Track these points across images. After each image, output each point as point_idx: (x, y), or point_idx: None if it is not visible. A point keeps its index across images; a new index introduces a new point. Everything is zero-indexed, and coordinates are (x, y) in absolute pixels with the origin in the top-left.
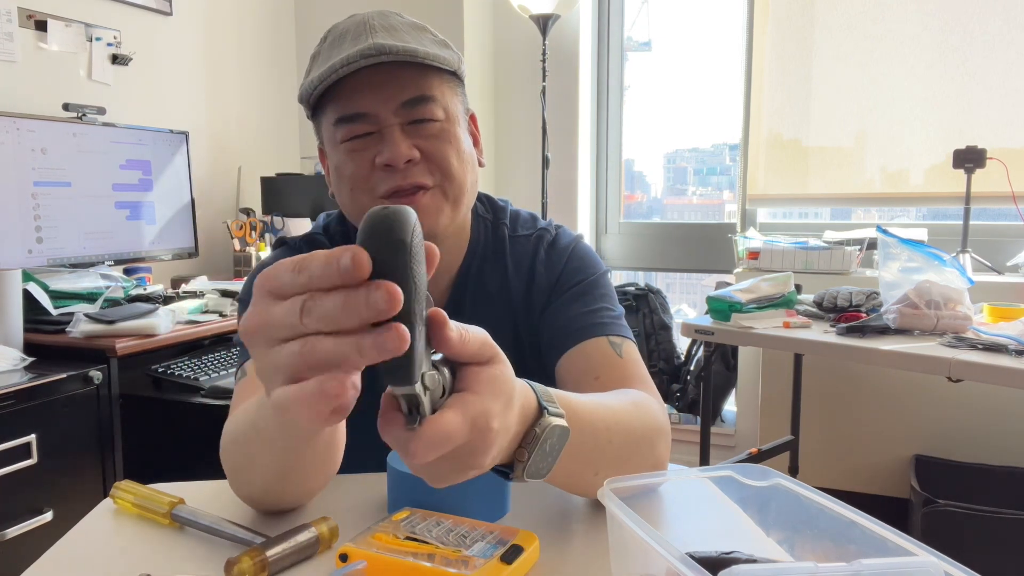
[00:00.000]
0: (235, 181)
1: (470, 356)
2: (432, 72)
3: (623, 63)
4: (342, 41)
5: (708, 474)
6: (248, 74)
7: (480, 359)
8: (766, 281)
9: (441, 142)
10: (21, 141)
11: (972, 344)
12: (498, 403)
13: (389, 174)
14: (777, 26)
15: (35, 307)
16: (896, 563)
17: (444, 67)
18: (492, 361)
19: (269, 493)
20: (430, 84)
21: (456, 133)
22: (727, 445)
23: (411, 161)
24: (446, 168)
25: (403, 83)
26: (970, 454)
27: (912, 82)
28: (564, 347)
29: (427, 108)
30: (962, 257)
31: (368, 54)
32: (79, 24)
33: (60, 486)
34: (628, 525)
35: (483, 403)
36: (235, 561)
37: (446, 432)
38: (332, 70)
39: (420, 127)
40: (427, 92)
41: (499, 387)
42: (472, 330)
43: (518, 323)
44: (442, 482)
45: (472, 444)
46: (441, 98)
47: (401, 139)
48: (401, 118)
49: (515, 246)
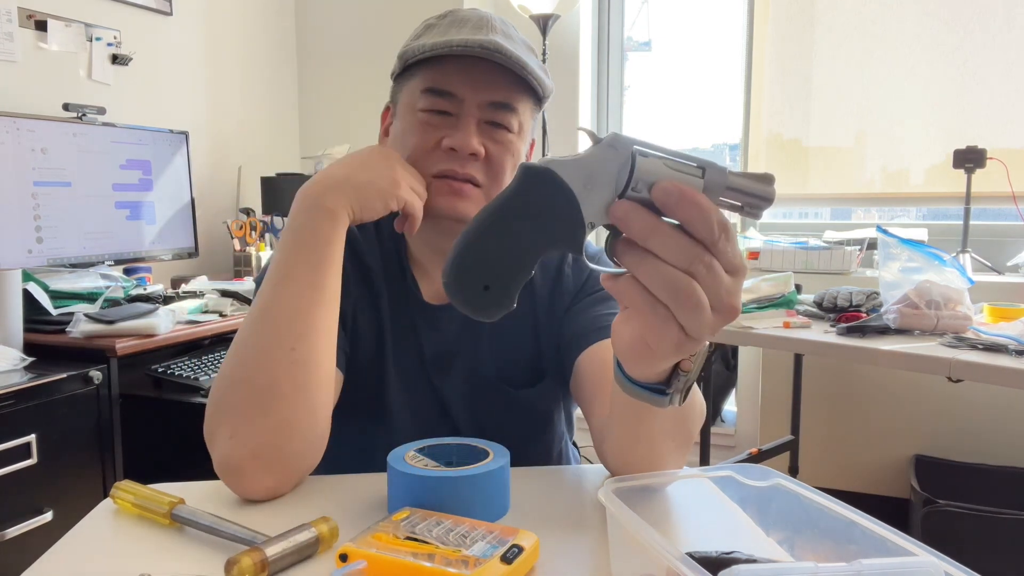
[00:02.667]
0: (235, 181)
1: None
2: (525, 89)
3: (623, 63)
4: (463, 25)
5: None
6: (248, 74)
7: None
8: (766, 281)
9: (505, 151)
10: (21, 141)
11: (972, 344)
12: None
13: (450, 157)
14: (777, 26)
15: (35, 307)
16: (896, 563)
17: (537, 90)
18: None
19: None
20: (519, 97)
21: (519, 149)
22: (727, 445)
23: (475, 155)
24: (500, 176)
25: (499, 85)
26: (970, 454)
27: (912, 82)
28: (586, 343)
29: (508, 116)
30: (962, 257)
31: (488, 47)
32: (79, 24)
33: (60, 486)
34: (628, 525)
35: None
36: (235, 561)
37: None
38: (449, 46)
39: (494, 131)
40: (514, 103)
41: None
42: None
43: (539, 320)
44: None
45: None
46: (522, 114)
47: (475, 132)
48: (482, 114)
49: None
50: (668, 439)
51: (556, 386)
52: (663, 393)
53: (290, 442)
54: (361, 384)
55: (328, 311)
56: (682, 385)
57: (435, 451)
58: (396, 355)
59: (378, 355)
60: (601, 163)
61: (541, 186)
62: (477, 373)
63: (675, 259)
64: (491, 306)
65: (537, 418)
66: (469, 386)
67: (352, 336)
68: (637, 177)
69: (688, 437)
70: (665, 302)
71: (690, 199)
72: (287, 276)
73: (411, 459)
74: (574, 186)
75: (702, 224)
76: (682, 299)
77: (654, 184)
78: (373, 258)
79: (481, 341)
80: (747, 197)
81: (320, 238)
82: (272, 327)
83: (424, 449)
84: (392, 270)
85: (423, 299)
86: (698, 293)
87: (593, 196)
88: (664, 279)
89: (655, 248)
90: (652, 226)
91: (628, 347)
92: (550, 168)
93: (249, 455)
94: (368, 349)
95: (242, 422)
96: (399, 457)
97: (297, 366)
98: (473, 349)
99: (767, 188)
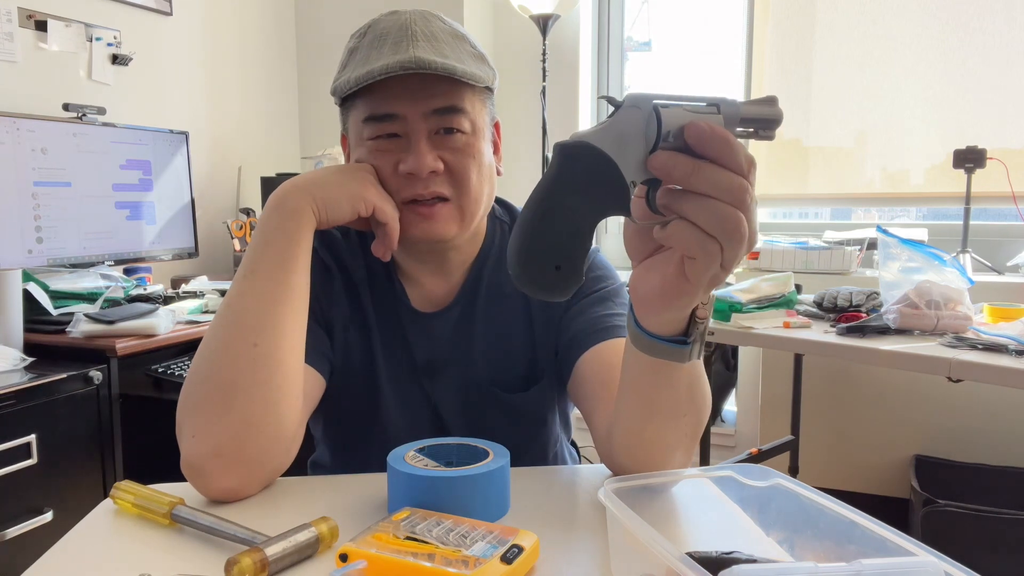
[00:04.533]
0: (235, 181)
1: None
2: (466, 85)
3: (623, 63)
4: (382, 44)
5: (708, 474)
6: (248, 74)
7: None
8: (766, 281)
9: (465, 156)
10: (21, 141)
11: (972, 344)
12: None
13: (411, 182)
14: (777, 26)
15: (35, 307)
16: (896, 563)
17: (477, 84)
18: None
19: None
20: (462, 96)
21: (480, 147)
22: (727, 445)
23: (434, 172)
24: (465, 184)
25: (436, 92)
26: (970, 454)
27: (912, 82)
28: (585, 345)
29: (456, 119)
30: (962, 257)
31: (408, 67)
32: (79, 24)
33: (60, 486)
34: (628, 525)
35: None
36: (235, 561)
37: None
38: (371, 77)
39: (446, 138)
40: (458, 104)
41: None
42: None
43: (535, 324)
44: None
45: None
46: (471, 111)
47: (427, 150)
48: (430, 125)
49: None
50: (678, 424)
51: (551, 389)
52: (684, 343)
53: (252, 441)
54: (355, 392)
55: (292, 308)
56: (700, 333)
57: (435, 451)
58: (387, 363)
59: (369, 363)
60: (629, 123)
61: (580, 160)
62: (470, 379)
63: (723, 194)
64: (565, 284)
65: (531, 422)
66: (462, 392)
67: (342, 346)
68: (666, 126)
69: (697, 422)
70: (717, 236)
71: (720, 135)
72: (252, 272)
73: (411, 459)
74: (610, 151)
75: (733, 157)
76: (733, 231)
77: (683, 128)
78: (358, 269)
79: (474, 346)
80: (758, 123)
81: (284, 236)
82: (234, 323)
83: (424, 449)
84: (379, 280)
85: (412, 307)
86: (745, 224)
87: (628, 156)
88: (717, 215)
89: (702, 187)
90: (694, 167)
91: (657, 293)
92: (584, 140)
93: (211, 454)
94: (359, 358)
95: (204, 420)
96: (399, 457)
97: (259, 362)
98: (466, 355)
99: (774, 109)
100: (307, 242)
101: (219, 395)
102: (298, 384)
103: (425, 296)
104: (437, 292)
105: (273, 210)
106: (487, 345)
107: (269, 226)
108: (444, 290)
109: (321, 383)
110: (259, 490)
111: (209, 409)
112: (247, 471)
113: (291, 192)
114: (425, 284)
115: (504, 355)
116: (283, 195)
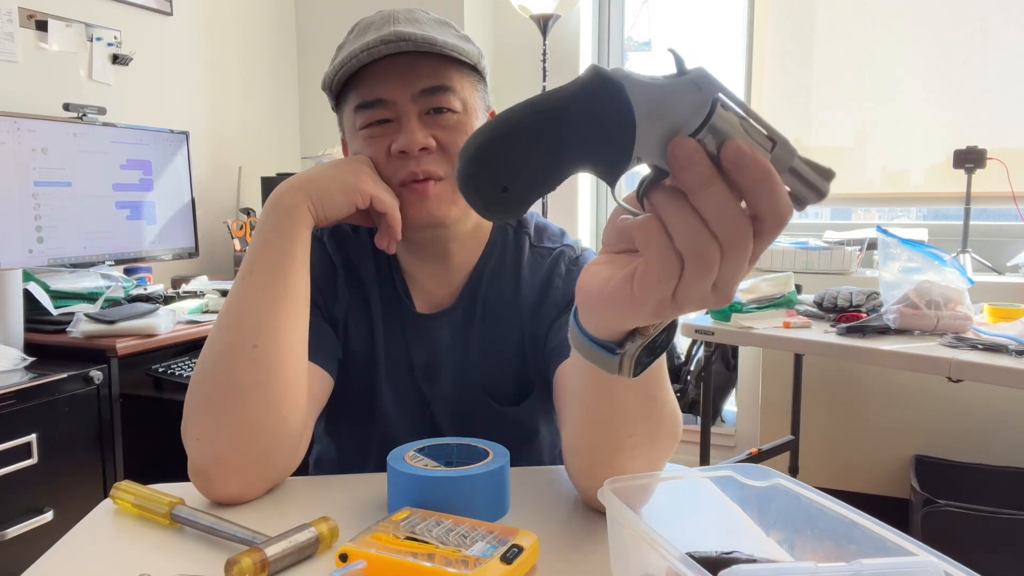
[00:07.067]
0: (235, 181)
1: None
2: (453, 64)
3: (623, 63)
4: (366, 32)
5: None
6: (248, 74)
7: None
8: (766, 281)
9: (457, 134)
10: (21, 141)
11: (972, 344)
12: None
13: (404, 161)
14: (777, 26)
15: (35, 307)
16: (896, 563)
17: (463, 59)
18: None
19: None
20: (449, 75)
21: (473, 126)
22: (727, 445)
23: (426, 149)
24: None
25: (422, 72)
26: (970, 454)
27: (912, 82)
28: (564, 355)
29: (445, 97)
30: (962, 257)
31: (388, 40)
32: (79, 24)
33: (60, 486)
34: (628, 525)
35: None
36: (235, 561)
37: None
38: (352, 56)
39: (437, 118)
40: (446, 82)
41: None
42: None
43: (524, 331)
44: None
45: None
46: (460, 90)
47: (417, 127)
48: (419, 106)
49: (535, 256)
50: (619, 442)
51: (542, 400)
52: (613, 352)
53: (255, 443)
54: (355, 389)
55: (292, 308)
56: (635, 350)
57: (435, 451)
58: (387, 362)
59: (370, 362)
60: (677, 97)
61: (603, 98)
62: (464, 383)
63: (716, 222)
64: (502, 209)
65: (524, 433)
66: (456, 396)
67: (344, 342)
68: (710, 127)
69: (653, 436)
70: (684, 257)
71: (765, 171)
72: (250, 273)
73: (411, 459)
74: (638, 111)
75: (767, 203)
76: (700, 264)
77: (725, 141)
78: (366, 267)
79: (469, 351)
80: (804, 186)
81: (281, 235)
82: (234, 324)
83: (424, 449)
84: (384, 280)
85: (414, 309)
86: (716, 265)
87: (653, 129)
88: (694, 237)
89: (704, 202)
90: (709, 178)
91: (598, 289)
92: (621, 82)
93: (214, 457)
94: (360, 355)
95: (208, 424)
96: (399, 457)
97: (259, 363)
98: (461, 359)
99: (825, 184)
100: (304, 241)
101: (220, 397)
102: (301, 384)
103: (426, 298)
104: (438, 294)
105: (269, 210)
106: (481, 352)
107: (266, 226)
108: (445, 292)
109: (329, 382)
110: (264, 493)
111: (211, 411)
112: (252, 473)
113: (286, 191)
114: (427, 285)
115: (497, 364)
116: (279, 195)
